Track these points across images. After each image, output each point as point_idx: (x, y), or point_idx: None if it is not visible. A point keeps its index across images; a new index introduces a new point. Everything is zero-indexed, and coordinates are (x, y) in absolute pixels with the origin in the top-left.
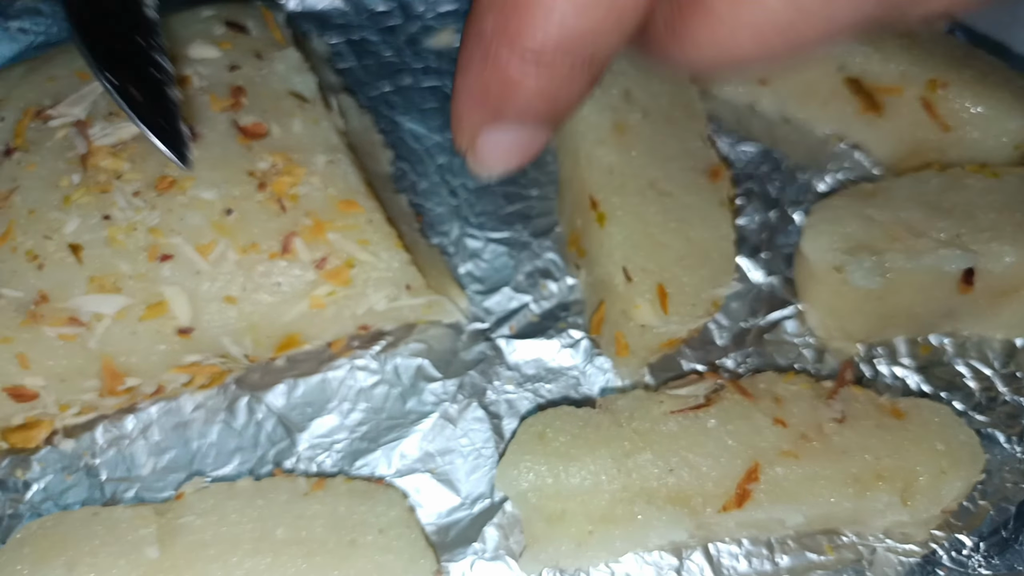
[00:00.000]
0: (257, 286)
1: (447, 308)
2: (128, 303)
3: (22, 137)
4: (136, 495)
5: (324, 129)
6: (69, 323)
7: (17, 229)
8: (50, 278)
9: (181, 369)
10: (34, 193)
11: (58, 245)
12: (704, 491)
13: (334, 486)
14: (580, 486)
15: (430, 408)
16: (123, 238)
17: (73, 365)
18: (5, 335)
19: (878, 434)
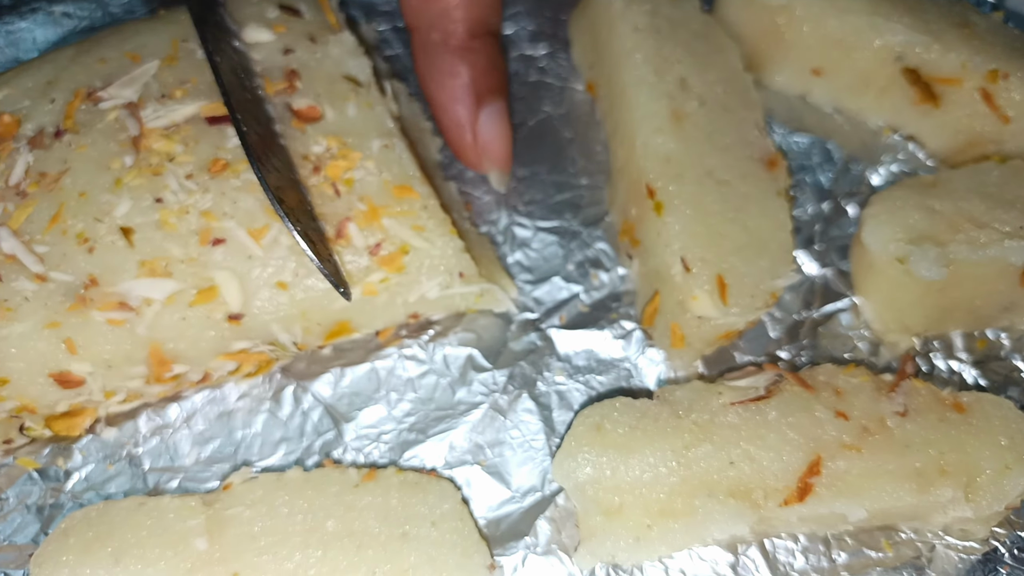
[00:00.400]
0: (309, 272)
1: (498, 297)
2: (178, 288)
3: (72, 119)
4: (180, 485)
5: (379, 114)
6: (118, 308)
7: (67, 212)
8: (100, 262)
9: (229, 356)
10: (85, 175)
11: (109, 228)
12: (765, 484)
13: (385, 477)
14: (639, 479)
15: (480, 399)
16: (175, 221)
17: (121, 351)
18: (53, 319)
19: (941, 428)
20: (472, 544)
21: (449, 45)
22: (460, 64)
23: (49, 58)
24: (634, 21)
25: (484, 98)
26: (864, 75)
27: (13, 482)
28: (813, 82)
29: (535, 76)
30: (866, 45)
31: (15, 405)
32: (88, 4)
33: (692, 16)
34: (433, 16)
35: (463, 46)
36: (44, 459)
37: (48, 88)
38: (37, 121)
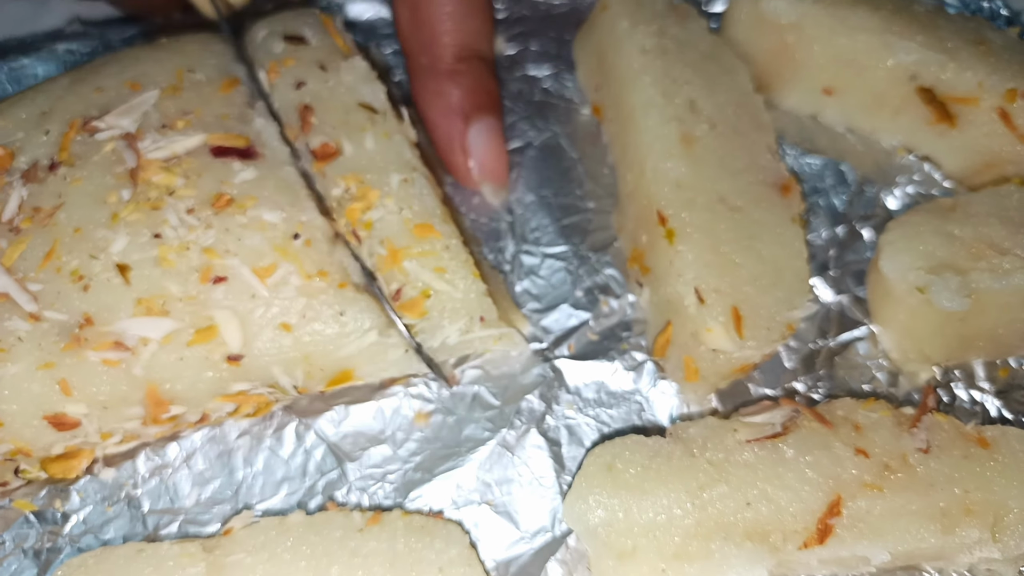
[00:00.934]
0: (316, 315)
1: (515, 340)
2: (176, 327)
3: (67, 151)
4: (180, 528)
5: (397, 143)
6: (114, 347)
7: (62, 248)
8: (95, 300)
9: (227, 398)
10: (80, 210)
11: (105, 265)
12: (783, 526)
13: (391, 521)
14: (653, 521)
15: (487, 435)
16: (174, 258)
17: (117, 392)
18: (47, 360)
19: (965, 465)
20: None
21: (437, 69)
22: (447, 85)
23: (44, 88)
24: (641, 42)
25: (472, 115)
26: (877, 94)
27: (9, 525)
28: (824, 102)
29: (539, 96)
30: (879, 64)
31: (9, 448)
32: (90, 41)
33: (700, 36)
34: (422, 42)
35: (450, 69)
36: (41, 501)
37: (43, 119)
38: (31, 153)
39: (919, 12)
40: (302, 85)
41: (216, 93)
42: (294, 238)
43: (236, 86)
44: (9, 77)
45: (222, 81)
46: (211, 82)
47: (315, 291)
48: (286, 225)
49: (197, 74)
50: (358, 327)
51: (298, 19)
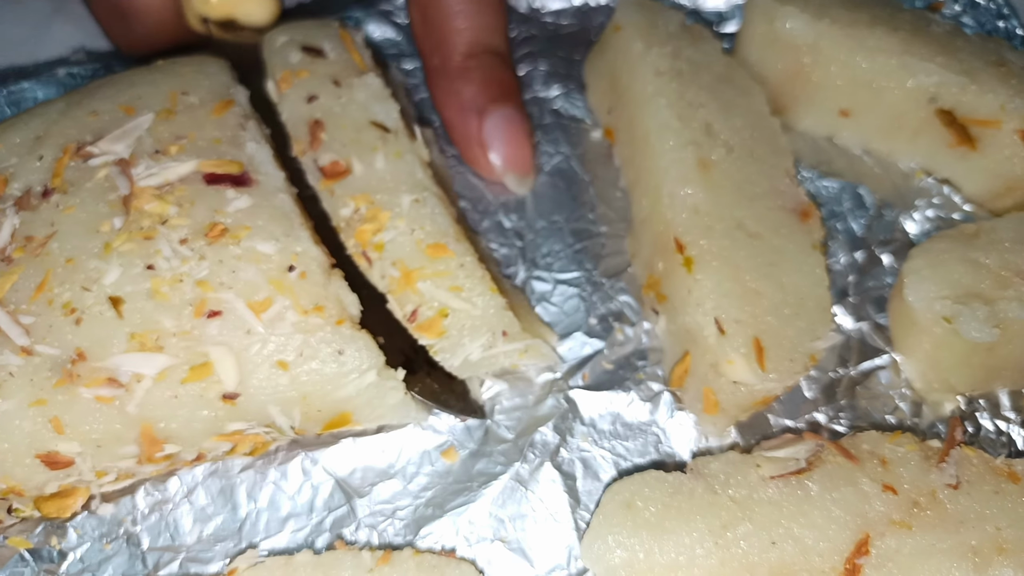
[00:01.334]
0: (314, 353)
1: (543, 351)
2: (170, 363)
3: (60, 177)
4: (181, 567)
5: (408, 163)
6: (107, 384)
7: (54, 279)
8: (88, 334)
9: (223, 437)
10: (73, 239)
11: (97, 297)
12: (810, 566)
13: (401, 560)
14: (674, 561)
15: (500, 469)
16: (167, 291)
17: (110, 430)
18: (39, 397)
19: (997, 501)
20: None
21: (448, 68)
22: (458, 83)
23: (38, 112)
24: (655, 64)
25: (486, 109)
26: (896, 116)
27: (4, 564)
28: (841, 124)
29: (549, 119)
30: (898, 86)
31: (1, 488)
32: (92, 65)
33: (714, 58)
34: (433, 42)
35: (461, 66)
36: (37, 538)
37: (36, 144)
38: (24, 180)
39: (937, 33)
40: (314, 99)
41: (209, 116)
42: (289, 270)
43: (230, 108)
44: (8, 100)
45: (215, 103)
46: (204, 105)
47: (312, 328)
48: (280, 256)
49: (191, 96)
50: (357, 366)
51: (319, 31)
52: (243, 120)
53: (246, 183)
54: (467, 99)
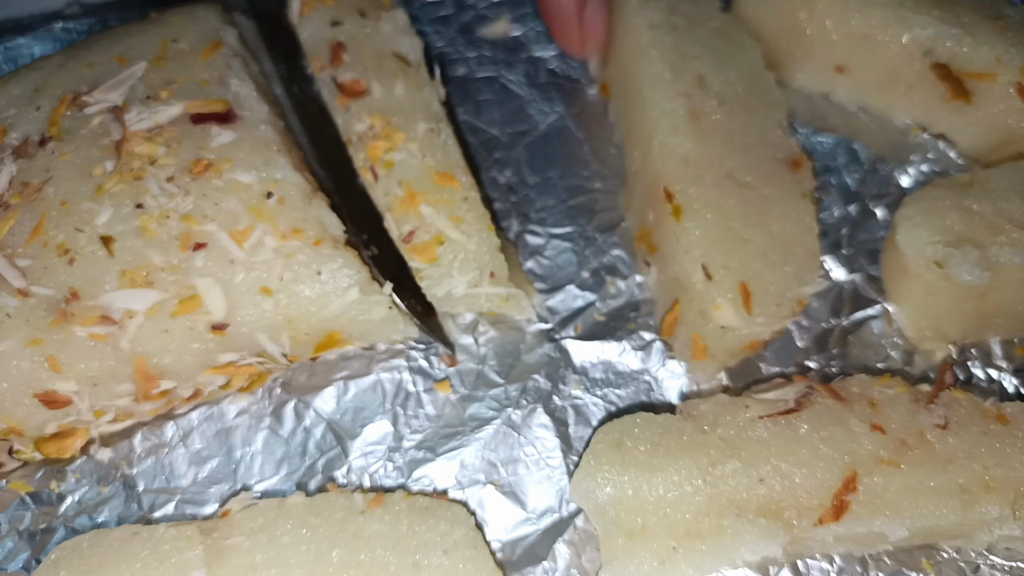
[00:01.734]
0: (295, 277)
1: (522, 304)
2: (161, 298)
3: (57, 126)
4: (176, 508)
5: (426, 96)
6: (100, 322)
7: (49, 222)
8: (81, 274)
9: (217, 370)
10: (67, 184)
11: (90, 238)
12: (798, 503)
13: (393, 502)
14: (663, 498)
15: (492, 414)
16: (156, 227)
17: (105, 367)
18: (36, 336)
19: (985, 441)
20: (487, 573)
21: None
22: None
23: (37, 65)
24: (650, 18)
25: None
26: (891, 71)
27: (6, 507)
28: (837, 80)
29: (545, 78)
30: (893, 40)
31: (2, 427)
32: (87, 19)
33: (710, 13)
34: None
35: None
36: (37, 482)
37: (35, 95)
38: (23, 129)
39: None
40: (338, 24)
41: (197, 60)
42: (267, 197)
43: (218, 49)
44: (5, 57)
45: (204, 47)
46: (193, 50)
47: (291, 251)
48: (260, 185)
49: (181, 43)
50: (337, 286)
51: None
52: (230, 59)
53: (230, 119)
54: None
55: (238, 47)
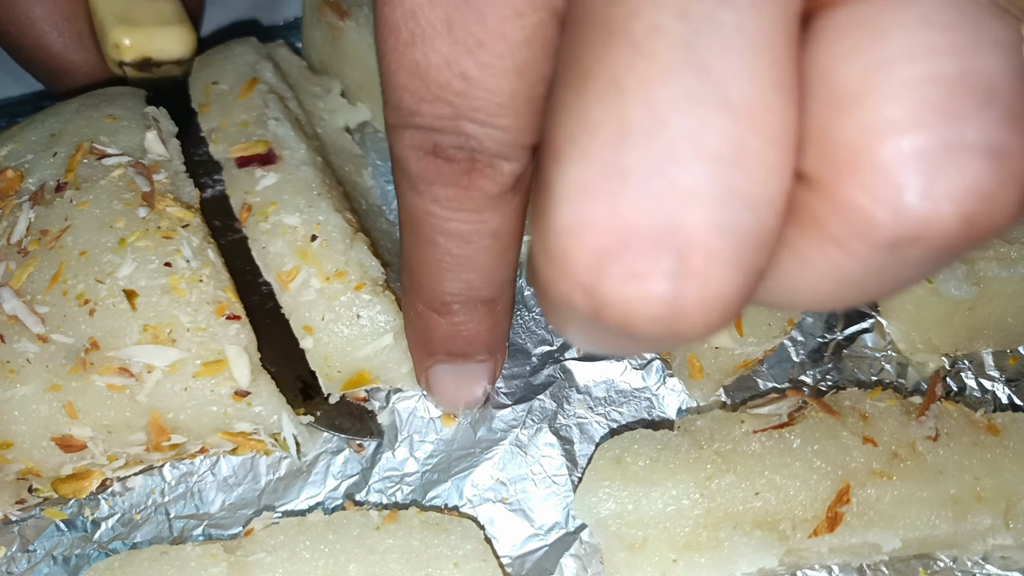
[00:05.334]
0: (337, 317)
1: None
2: (183, 357)
3: (74, 172)
4: (204, 532)
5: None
6: (119, 373)
7: (68, 271)
8: (101, 324)
9: (228, 436)
10: (86, 234)
11: (111, 290)
12: (793, 515)
13: (407, 518)
14: (662, 512)
15: (500, 436)
16: (184, 287)
17: (121, 417)
18: (55, 383)
19: (976, 452)
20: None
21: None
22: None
23: (54, 111)
24: None
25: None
26: None
27: (41, 533)
28: None
29: None
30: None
31: (20, 468)
32: None
33: None
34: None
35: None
36: (71, 510)
37: (52, 141)
38: (39, 175)
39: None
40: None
41: (237, 101)
42: (312, 240)
43: (255, 87)
44: None
45: (242, 86)
46: (232, 90)
47: (334, 293)
48: (304, 228)
49: (221, 85)
50: (375, 330)
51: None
52: (266, 96)
53: (272, 161)
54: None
55: (275, 82)
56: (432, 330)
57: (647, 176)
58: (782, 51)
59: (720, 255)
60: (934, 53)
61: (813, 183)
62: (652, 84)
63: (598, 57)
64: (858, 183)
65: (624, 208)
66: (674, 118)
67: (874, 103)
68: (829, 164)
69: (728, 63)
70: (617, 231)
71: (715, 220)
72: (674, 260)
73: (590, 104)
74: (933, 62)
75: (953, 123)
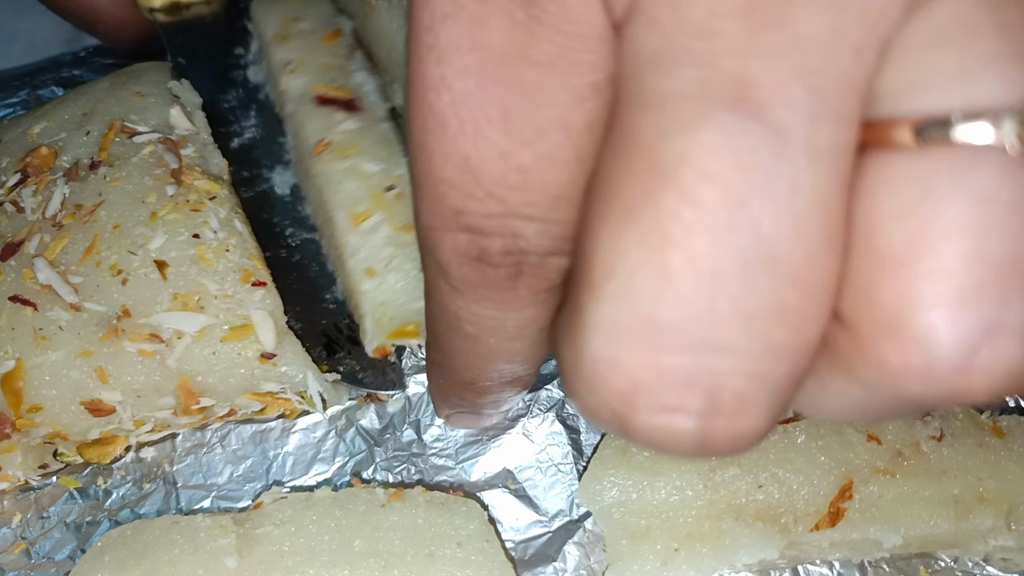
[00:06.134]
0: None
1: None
2: (211, 323)
3: (107, 151)
4: (212, 503)
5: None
6: (150, 339)
7: (102, 243)
8: (133, 293)
9: (256, 396)
10: (120, 208)
11: (143, 260)
12: (795, 509)
13: (412, 497)
14: (665, 502)
15: (507, 424)
16: (212, 257)
17: (150, 382)
18: (86, 349)
19: (979, 454)
20: (498, 565)
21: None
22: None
23: (84, 90)
24: None
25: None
26: None
27: (55, 501)
28: None
29: None
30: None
31: (48, 432)
32: None
33: None
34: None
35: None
36: (85, 478)
37: (84, 120)
38: (73, 153)
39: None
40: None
41: (320, 43)
42: (387, 190)
43: (338, 38)
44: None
45: (327, 32)
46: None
47: (403, 244)
48: (382, 177)
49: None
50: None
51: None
52: (352, 50)
53: (355, 108)
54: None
55: (353, 40)
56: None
57: (686, 333)
58: (835, 207)
59: (751, 398)
60: (990, 234)
61: (848, 327)
62: (698, 236)
63: (643, 194)
64: (893, 345)
65: (659, 356)
66: (720, 280)
67: (920, 273)
68: (866, 318)
69: (780, 221)
70: (650, 369)
71: (750, 370)
72: (704, 399)
73: (631, 244)
74: (987, 243)
75: (997, 305)
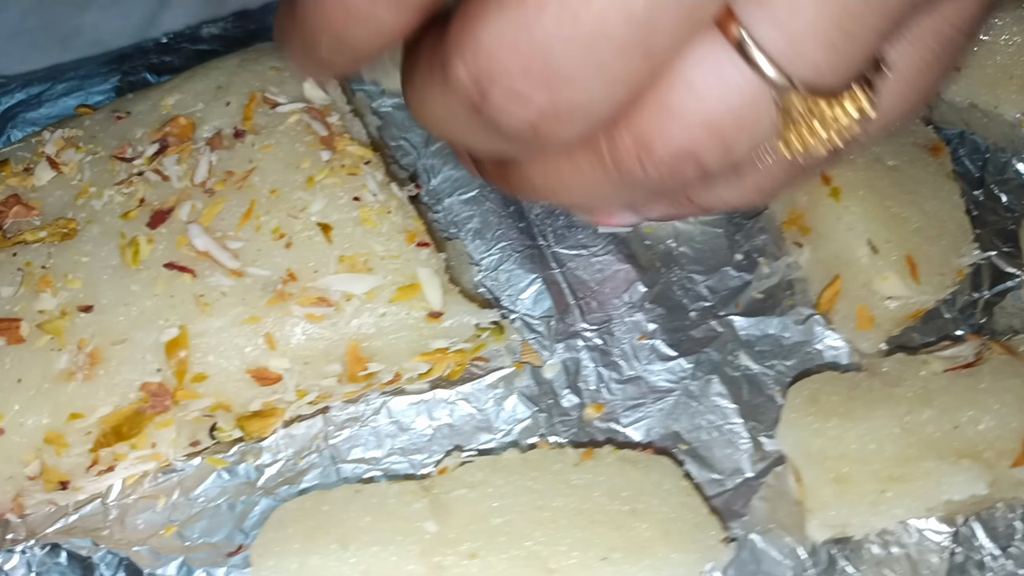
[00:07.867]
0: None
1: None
2: (379, 283)
3: (251, 120)
4: (379, 474)
5: None
6: (318, 303)
7: (259, 208)
8: (297, 257)
9: (425, 356)
10: (274, 174)
11: (305, 224)
12: (994, 446)
13: (602, 456)
14: (865, 446)
15: (670, 386)
16: (376, 219)
17: (319, 347)
18: (252, 314)
19: None
20: (703, 517)
21: None
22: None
23: (214, 65)
24: None
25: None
26: (1004, 68)
27: (201, 482)
28: (951, 78)
29: None
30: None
31: (211, 403)
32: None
33: None
34: None
35: None
36: (232, 457)
37: (220, 92)
38: (213, 123)
39: None
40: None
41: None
42: None
43: None
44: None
45: None
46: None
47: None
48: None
49: None
50: None
51: None
52: None
53: None
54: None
55: None
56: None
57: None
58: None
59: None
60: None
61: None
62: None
63: None
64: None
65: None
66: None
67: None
68: None
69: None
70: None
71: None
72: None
73: None
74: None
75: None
